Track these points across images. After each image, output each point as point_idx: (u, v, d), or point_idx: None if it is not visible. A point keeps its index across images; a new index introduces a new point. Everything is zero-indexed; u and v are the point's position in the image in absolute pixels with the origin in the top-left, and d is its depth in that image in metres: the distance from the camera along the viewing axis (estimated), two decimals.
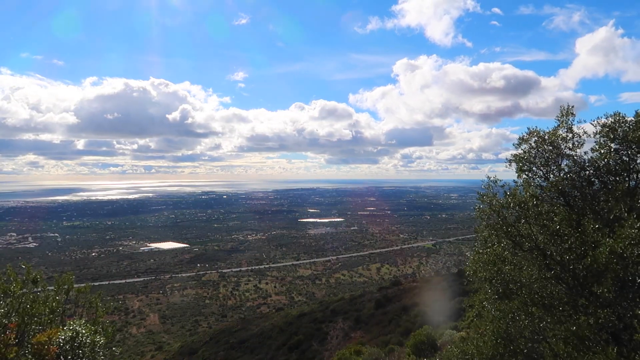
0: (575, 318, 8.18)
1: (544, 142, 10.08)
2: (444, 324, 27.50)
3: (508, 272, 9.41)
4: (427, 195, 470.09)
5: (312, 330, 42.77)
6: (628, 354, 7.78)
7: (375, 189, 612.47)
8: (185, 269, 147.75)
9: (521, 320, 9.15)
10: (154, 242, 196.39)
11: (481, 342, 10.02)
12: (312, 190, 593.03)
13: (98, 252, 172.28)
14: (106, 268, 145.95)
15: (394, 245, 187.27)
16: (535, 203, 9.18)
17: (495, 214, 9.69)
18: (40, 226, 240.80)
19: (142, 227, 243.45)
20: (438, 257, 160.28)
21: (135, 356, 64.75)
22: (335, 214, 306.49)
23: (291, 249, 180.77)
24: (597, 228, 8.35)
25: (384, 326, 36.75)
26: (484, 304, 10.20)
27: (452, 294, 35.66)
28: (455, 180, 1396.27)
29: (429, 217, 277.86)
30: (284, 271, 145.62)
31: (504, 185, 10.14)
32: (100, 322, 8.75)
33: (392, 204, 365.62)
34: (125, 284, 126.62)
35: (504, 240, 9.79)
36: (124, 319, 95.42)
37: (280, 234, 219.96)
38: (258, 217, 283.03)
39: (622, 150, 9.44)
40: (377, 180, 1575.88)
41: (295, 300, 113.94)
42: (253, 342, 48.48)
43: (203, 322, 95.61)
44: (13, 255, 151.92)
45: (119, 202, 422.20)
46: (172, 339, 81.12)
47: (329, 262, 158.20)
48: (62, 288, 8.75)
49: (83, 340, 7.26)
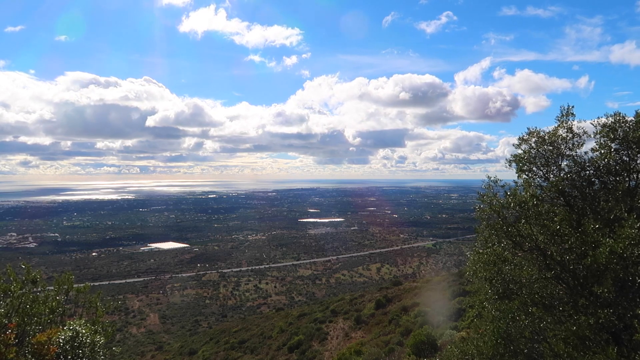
0: (575, 318, 8.19)
1: (544, 142, 10.08)
2: (444, 324, 27.49)
3: (508, 272, 9.41)
4: (427, 195, 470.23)
5: (312, 330, 42.73)
6: (628, 354, 7.78)
7: (376, 189, 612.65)
8: (185, 269, 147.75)
9: (521, 320, 9.14)
10: (154, 242, 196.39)
11: (481, 342, 10.01)
12: (312, 190, 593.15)
13: (98, 252, 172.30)
14: (106, 268, 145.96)
15: (394, 245, 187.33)
16: (535, 203, 9.17)
17: (496, 214, 9.69)
18: (40, 226, 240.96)
19: (142, 227, 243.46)
20: (438, 257, 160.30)
21: (135, 356, 64.70)
22: (335, 214, 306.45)
23: (291, 249, 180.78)
24: (597, 228, 8.35)
25: (384, 326, 36.72)
26: (484, 304, 10.19)
27: (452, 294, 35.63)
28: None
29: (429, 217, 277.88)
30: (284, 271, 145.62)
31: (504, 185, 10.15)
32: (100, 322, 8.75)
33: (392, 204, 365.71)
34: (125, 284, 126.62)
35: (504, 240, 9.79)
36: (124, 319, 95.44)
37: (281, 234, 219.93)
38: (258, 217, 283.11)
39: (622, 150, 9.44)
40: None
41: (295, 300, 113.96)
42: (253, 342, 48.47)
43: (203, 322, 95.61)
44: (13, 255, 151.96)
45: (119, 201, 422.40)
46: (172, 339, 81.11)
47: (329, 262, 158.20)
48: (62, 288, 8.74)
49: (83, 340, 7.26)
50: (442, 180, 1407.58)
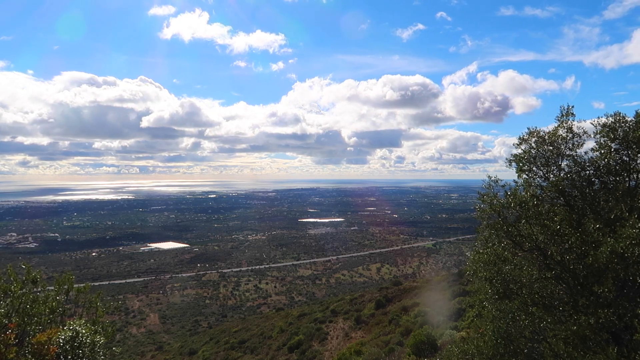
0: (575, 318, 8.19)
1: (544, 142, 10.08)
2: (444, 324, 27.49)
3: (508, 272, 9.41)
4: (427, 195, 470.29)
5: (312, 330, 42.72)
6: (628, 354, 7.78)
7: (376, 189, 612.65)
8: (185, 269, 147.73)
9: (521, 320, 9.14)
10: (154, 242, 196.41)
11: (481, 342, 10.02)
12: (312, 190, 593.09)
13: (98, 252, 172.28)
14: (106, 268, 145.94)
15: (394, 245, 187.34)
16: (535, 203, 9.17)
17: (496, 213, 9.69)
18: (40, 226, 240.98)
19: (142, 227, 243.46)
20: (438, 257, 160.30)
21: (135, 356, 64.70)
22: (335, 214, 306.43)
23: (291, 249, 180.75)
24: (598, 228, 8.35)
25: (384, 326, 36.72)
26: (484, 303, 10.20)
27: (452, 294, 35.63)
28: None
29: (429, 217, 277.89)
30: (284, 271, 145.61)
31: (505, 185, 10.15)
32: (100, 322, 8.75)
33: (392, 204, 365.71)
34: (125, 284, 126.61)
35: (504, 240, 9.79)
36: (124, 319, 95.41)
37: (281, 234, 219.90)
38: (258, 217, 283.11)
39: (622, 150, 9.44)
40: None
41: (295, 300, 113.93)
42: (253, 342, 48.46)
43: (203, 322, 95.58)
44: (13, 255, 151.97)
45: (119, 202, 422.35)
46: (172, 339, 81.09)
47: (329, 262, 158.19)
48: (62, 288, 8.74)
49: (83, 340, 7.26)
50: (441, 180, 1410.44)
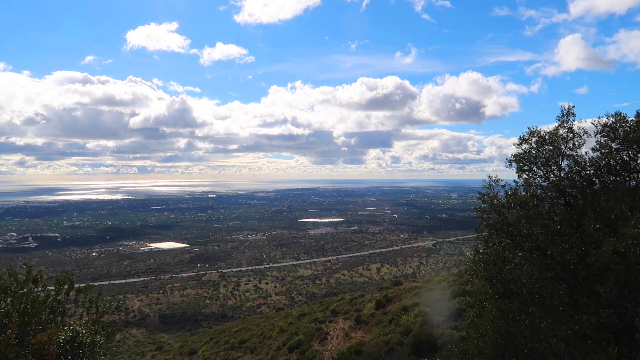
0: (576, 318, 8.18)
1: (545, 142, 10.08)
2: (444, 324, 27.47)
3: (508, 272, 9.40)
4: (427, 196, 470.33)
5: (312, 330, 42.64)
6: (629, 353, 7.77)
7: (375, 189, 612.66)
8: (185, 269, 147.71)
9: (521, 320, 9.13)
10: (154, 242, 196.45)
11: (481, 341, 10.00)
12: (312, 190, 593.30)
13: (98, 252, 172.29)
14: (106, 268, 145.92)
15: (394, 245, 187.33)
16: (535, 203, 9.17)
17: (496, 213, 9.69)
18: (40, 226, 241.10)
19: (142, 227, 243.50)
20: (438, 257, 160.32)
21: (135, 356, 64.69)
22: (335, 214, 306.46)
23: (291, 249, 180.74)
24: (598, 228, 8.35)
25: (384, 326, 36.66)
26: (484, 303, 10.19)
27: (452, 294, 35.59)
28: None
29: (429, 217, 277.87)
30: (284, 271, 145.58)
31: (505, 185, 10.14)
32: (100, 322, 8.75)
33: (392, 204, 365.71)
34: (125, 284, 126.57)
35: (504, 240, 9.79)
36: (124, 319, 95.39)
37: (281, 233, 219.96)
38: (258, 217, 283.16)
39: (623, 150, 9.43)
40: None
41: (295, 300, 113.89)
42: (253, 342, 48.42)
43: (203, 322, 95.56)
44: (13, 255, 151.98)
45: (119, 201, 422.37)
46: (172, 339, 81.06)
47: (329, 262, 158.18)
48: (62, 288, 8.74)
49: (83, 340, 7.26)
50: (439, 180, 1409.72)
